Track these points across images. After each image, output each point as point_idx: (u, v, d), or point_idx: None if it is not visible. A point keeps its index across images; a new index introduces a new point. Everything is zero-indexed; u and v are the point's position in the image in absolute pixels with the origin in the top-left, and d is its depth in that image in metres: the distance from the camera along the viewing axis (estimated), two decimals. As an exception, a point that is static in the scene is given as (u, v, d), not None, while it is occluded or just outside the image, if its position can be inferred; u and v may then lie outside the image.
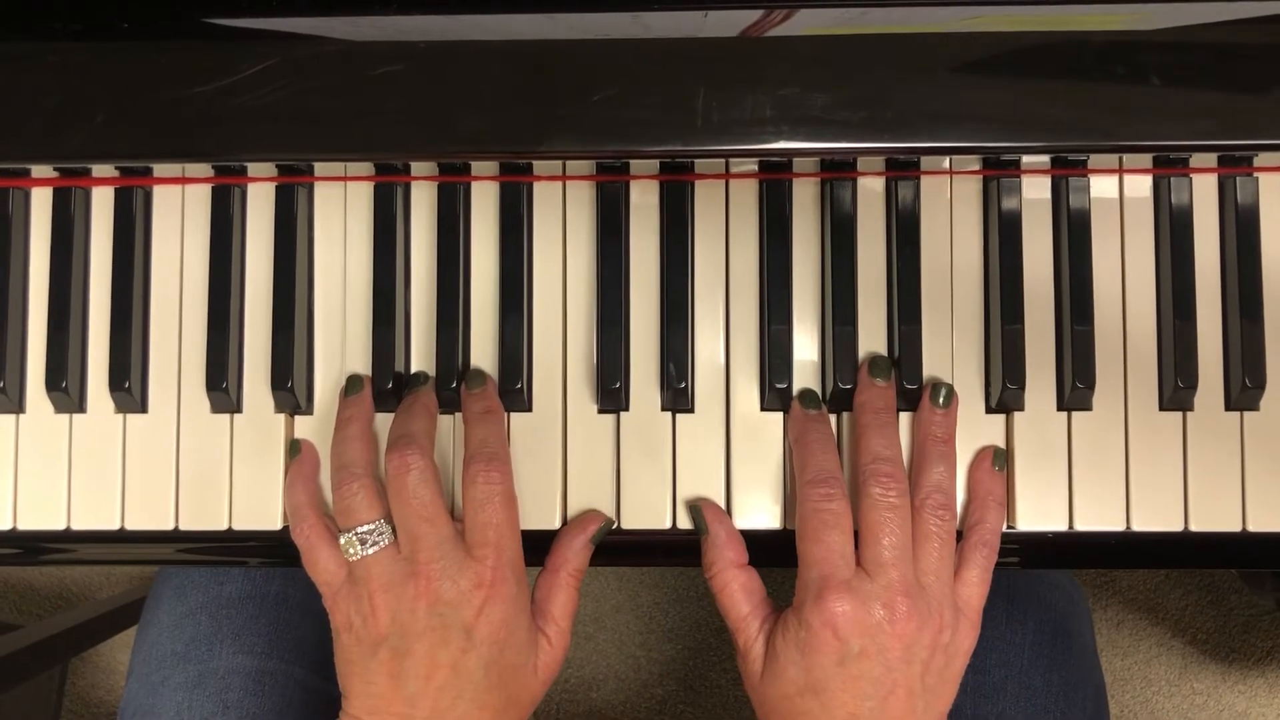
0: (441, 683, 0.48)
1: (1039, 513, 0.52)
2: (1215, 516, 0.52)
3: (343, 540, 0.49)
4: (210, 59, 0.46)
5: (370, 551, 0.49)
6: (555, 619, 0.52)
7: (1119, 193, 0.53)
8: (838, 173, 0.53)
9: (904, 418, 0.52)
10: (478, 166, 0.54)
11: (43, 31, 0.47)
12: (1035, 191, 0.53)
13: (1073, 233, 0.52)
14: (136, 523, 0.54)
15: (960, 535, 0.51)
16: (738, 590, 0.51)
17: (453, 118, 0.47)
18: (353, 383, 0.53)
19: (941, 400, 0.51)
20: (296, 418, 0.54)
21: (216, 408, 0.54)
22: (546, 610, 0.52)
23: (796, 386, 0.53)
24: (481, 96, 0.47)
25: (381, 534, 0.49)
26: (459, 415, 0.53)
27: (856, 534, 0.49)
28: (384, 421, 0.53)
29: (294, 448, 0.53)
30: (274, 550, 0.54)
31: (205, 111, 0.45)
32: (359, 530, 0.49)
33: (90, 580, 1.24)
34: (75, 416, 0.54)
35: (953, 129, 0.47)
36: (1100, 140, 0.47)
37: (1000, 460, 0.52)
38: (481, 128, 0.46)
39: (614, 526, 0.53)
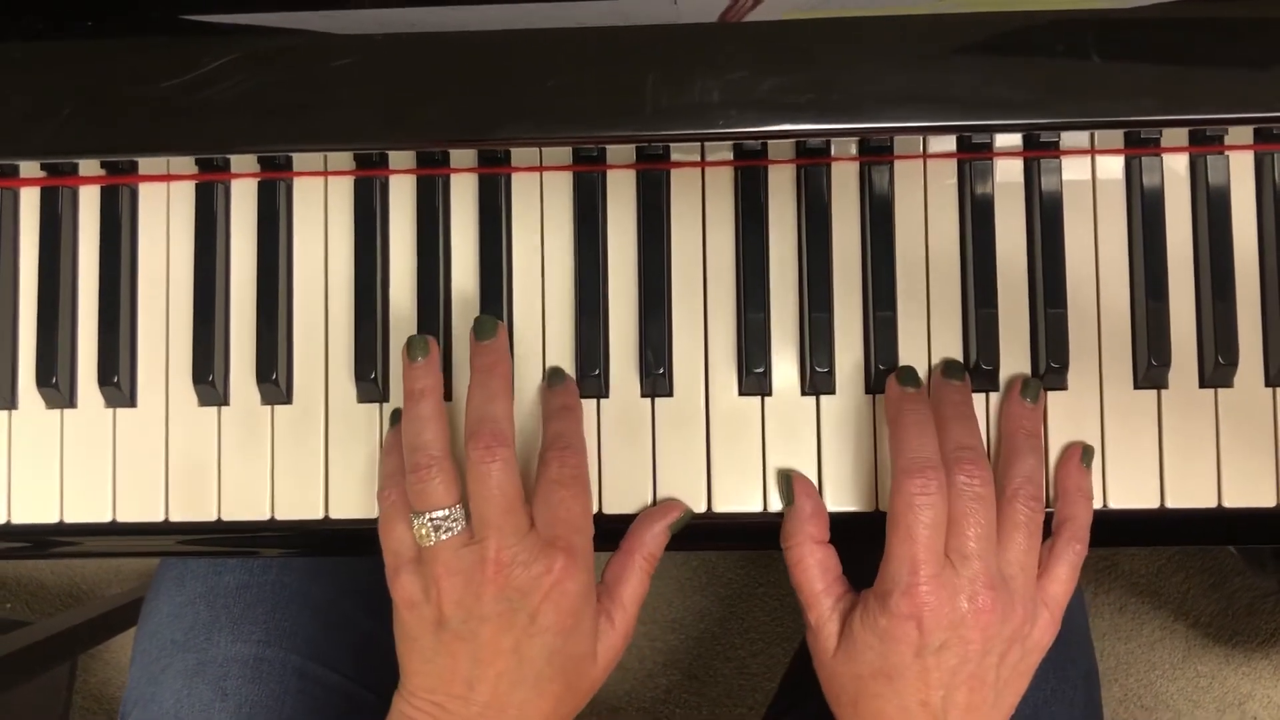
0: (503, 668, 0.48)
1: (1016, 492, 0.52)
2: (1191, 493, 0.52)
3: (415, 523, 0.48)
4: (173, 54, 0.46)
5: (443, 538, 0.48)
6: (623, 603, 0.51)
7: (1091, 174, 0.53)
8: (812, 159, 0.53)
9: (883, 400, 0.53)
10: (456, 159, 0.54)
11: (8, 29, 0.47)
12: (1008, 175, 0.53)
13: (1045, 214, 0.53)
14: (128, 515, 0.55)
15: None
16: (813, 565, 0.51)
17: (407, 108, 0.47)
18: (416, 345, 0.50)
19: (1030, 395, 0.52)
20: (277, 408, 0.55)
21: (204, 401, 0.55)
22: (616, 593, 0.51)
23: (774, 372, 0.53)
24: (436, 86, 0.47)
25: (455, 520, 0.48)
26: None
27: None
28: (369, 412, 0.54)
29: (395, 416, 0.53)
30: (271, 540, 0.55)
31: (170, 105, 0.46)
32: (433, 516, 0.48)
33: (100, 577, 1.26)
34: (66, 412, 0.55)
35: (927, 109, 0.47)
36: (1068, 117, 0.47)
37: (1088, 457, 0.52)
38: (435, 117, 0.47)
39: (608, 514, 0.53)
